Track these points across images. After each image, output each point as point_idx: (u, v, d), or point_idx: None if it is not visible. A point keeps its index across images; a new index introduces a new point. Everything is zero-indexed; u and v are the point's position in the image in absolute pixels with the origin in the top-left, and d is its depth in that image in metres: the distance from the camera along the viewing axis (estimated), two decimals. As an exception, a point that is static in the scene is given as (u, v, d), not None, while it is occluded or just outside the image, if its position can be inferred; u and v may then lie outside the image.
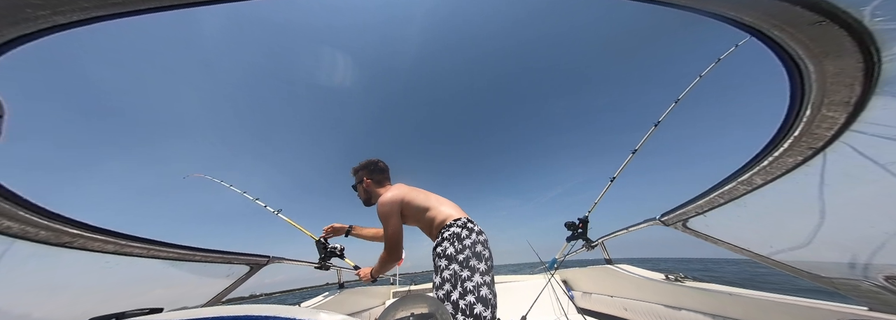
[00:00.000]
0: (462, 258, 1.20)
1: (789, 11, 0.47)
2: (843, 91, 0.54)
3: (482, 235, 1.35)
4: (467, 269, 1.17)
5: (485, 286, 1.14)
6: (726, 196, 0.98)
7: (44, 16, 0.41)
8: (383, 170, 1.71)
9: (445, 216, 1.41)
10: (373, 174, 1.68)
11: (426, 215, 1.45)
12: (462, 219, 1.37)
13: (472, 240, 1.27)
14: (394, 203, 1.44)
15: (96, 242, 0.91)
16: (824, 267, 0.92)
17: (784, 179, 0.78)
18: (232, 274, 1.56)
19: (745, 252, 1.12)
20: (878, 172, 0.62)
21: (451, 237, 1.28)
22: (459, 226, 1.32)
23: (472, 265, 1.18)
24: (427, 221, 1.45)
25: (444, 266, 1.20)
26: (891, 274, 0.76)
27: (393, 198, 1.45)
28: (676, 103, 2.79)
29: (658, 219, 1.45)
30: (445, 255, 1.23)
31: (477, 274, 1.16)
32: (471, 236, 1.29)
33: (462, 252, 1.22)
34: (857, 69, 0.51)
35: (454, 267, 1.18)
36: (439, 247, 1.29)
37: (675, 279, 1.79)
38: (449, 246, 1.25)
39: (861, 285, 0.85)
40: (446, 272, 1.18)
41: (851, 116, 0.57)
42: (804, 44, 0.51)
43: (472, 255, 1.21)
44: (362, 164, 1.71)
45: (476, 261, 1.20)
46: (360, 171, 1.70)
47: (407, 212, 1.47)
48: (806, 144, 0.66)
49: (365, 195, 1.71)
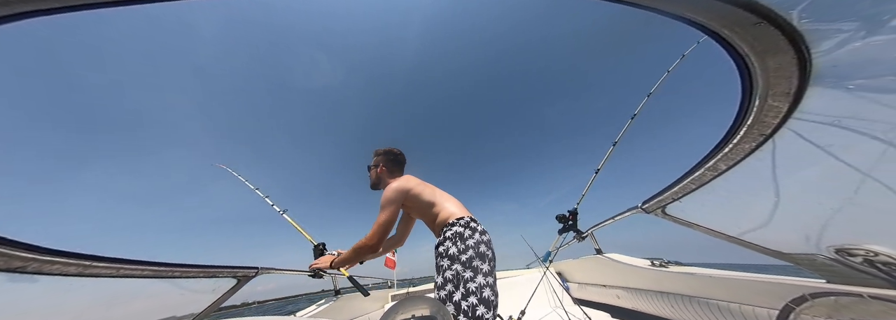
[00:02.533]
0: (465, 258, 1.18)
1: (735, 13, 0.53)
2: (784, 83, 0.61)
3: (485, 235, 1.34)
4: (470, 270, 1.15)
5: (487, 287, 1.13)
6: (697, 182, 1.05)
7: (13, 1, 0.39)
8: (400, 162, 1.75)
9: (449, 214, 1.40)
10: (389, 163, 1.71)
11: (431, 211, 1.45)
12: (465, 218, 1.36)
13: (475, 240, 1.25)
14: (400, 192, 1.43)
15: (54, 265, 0.85)
16: (785, 244, 1.00)
17: (743, 164, 0.85)
18: (218, 289, 1.51)
19: (718, 234, 1.19)
20: (819, 154, 0.70)
21: (454, 236, 1.27)
22: (462, 226, 1.31)
23: (474, 265, 1.17)
24: (431, 217, 1.45)
25: (447, 266, 1.19)
26: (840, 247, 0.84)
27: (401, 187, 1.44)
28: (649, 97, 2.93)
29: (640, 206, 1.51)
30: (448, 255, 1.22)
31: (480, 274, 1.15)
32: (474, 236, 1.27)
33: (465, 252, 1.20)
34: (792, 64, 0.57)
35: (456, 267, 1.17)
36: (441, 247, 1.27)
37: (660, 264, 1.89)
38: (451, 245, 1.24)
39: (816, 259, 0.93)
40: (448, 272, 1.17)
41: (792, 106, 0.64)
42: (748, 42, 0.57)
43: (476, 255, 1.20)
44: (385, 150, 1.74)
45: (479, 262, 1.19)
46: (380, 156, 1.73)
47: (412, 204, 1.47)
48: (758, 131, 0.73)
49: (375, 179, 1.72)
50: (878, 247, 0.78)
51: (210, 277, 1.45)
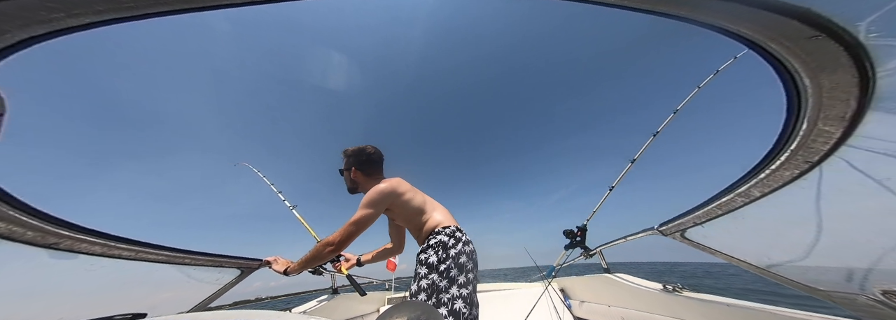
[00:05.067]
0: (443, 268, 1.18)
1: (786, 25, 0.47)
2: (839, 106, 0.54)
3: (469, 246, 1.32)
4: (446, 280, 1.15)
5: (460, 299, 1.12)
6: (724, 207, 0.97)
7: (58, 18, 0.42)
8: (375, 161, 1.58)
9: (436, 222, 1.39)
10: (362, 165, 1.56)
11: (418, 218, 1.42)
12: (451, 228, 1.35)
13: (457, 251, 1.24)
14: (386, 195, 1.36)
15: (83, 243, 0.88)
16: (821, 280, 0.91)
17: (781, 192, 0.78)
18: (222, 279, 1.53)
19: (743, 263, 1.11)
20: (873, 187, 0.62)
21: (437, 245, 1.26)
22: (447, 235, 1.30)
23: (451, 276, 1.16)
24: (417, 224, 1.42)
25: (424, 274, 1.18)
26: (887, 289, 0.75)
27: (389, 190, 1.38)
28: (675, 114, 2.81)
29: (656, 228, 1.44)
30: (427, 264, 1.21)
31: (455, 286, 1.14)
32: (457, 246, 1.26)
33: (444, 261, 1.20)
34: (852, 84, 0.51)
35: (433, 276, 1.16)
36: (423, 254, 1.27)
37: (673, 289, 1.78)
38: (433, 254, 1.23)
39: (857, 299, 0.84)
40: (424, 281, 1.16)
41: (847, 131, 0.57)
42: (800, 57, 0.51)
43: (454, 266, 1.19)
44: (353, 151, 1.59)
45: (456, 272, 1.18)
46: (350, 158, 1.59)
47: (399, 210, 1.43)
48: (802, 158, 0.66)
49: (351, 184, 1.61)
50: None
51: (216, 267, 1.47)
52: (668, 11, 0.48)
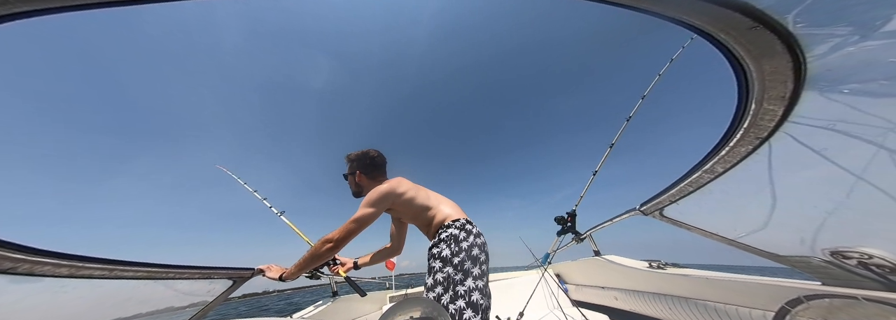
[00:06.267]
0: (457, 261, 1.18)
1: (730, 17, 0.53)
2: (779, 87, 0.62)
3: (480, 238, 1.32)
4: (461, 273, 1.15)
5: (477, 291, 1.13)
6: (694, 184, 1.05)
7: None
8: (378, 164, 1.62)
9: (444, 216, 1.38)
10: (366, 168, 1.59)
11: (426, 214, 1.42)
12: (461, 221, 1.35)
13: (469, 243, 1.25)
14: (388, 195, 1.38)
15: (45, 266, 0.84)
16: (781, 246, 1.01)
17: (740, 167, 0.86)
18: (213, 290, 1.50)
19: (715, 236, 1.20)
20: (814, 158, 0.70)
21: (449, 239, 1.26)
22: (458, 228, 1.30)
23: (466, 268, 1.16)
24: (426, 220, 1.43)
25: (439, 268, 1.19)
26: (834, 250, 0.85)
27: (390, 190, 1.39)
28: (643, 99, 2.95)
29: (638, 208, 1.51)
30: (440, 257, 1.21)
31: (470, 278, 1.15)
32: (469, 238, 1.27)
33: (458, 254, 1.20)
34: (788, 68, 0.58)
35: (448, 269, 1.16)
36: (435, 249, 1.27)
37: (657, 266, 1.90)
38: (445, 248, 1.23)
39: (812, 261, 0.94)
40: (439, 274, 1.16)
41: (787, 109, 0.65)
42: (744, 46, 0.58)
43: (468, 258, 1.20)
44: (357, 155, 1.61)
45: (470, 265, 1.18)
46: (354, 162, 1.62)
47: (404, 209, 1.43)
48: (754, 135, 0.74)
49: (356, 188, 1.63)
50: (872, 250, 0.78)
51: (205, 279, 1.43)
52: (629, 3, 0.53)
